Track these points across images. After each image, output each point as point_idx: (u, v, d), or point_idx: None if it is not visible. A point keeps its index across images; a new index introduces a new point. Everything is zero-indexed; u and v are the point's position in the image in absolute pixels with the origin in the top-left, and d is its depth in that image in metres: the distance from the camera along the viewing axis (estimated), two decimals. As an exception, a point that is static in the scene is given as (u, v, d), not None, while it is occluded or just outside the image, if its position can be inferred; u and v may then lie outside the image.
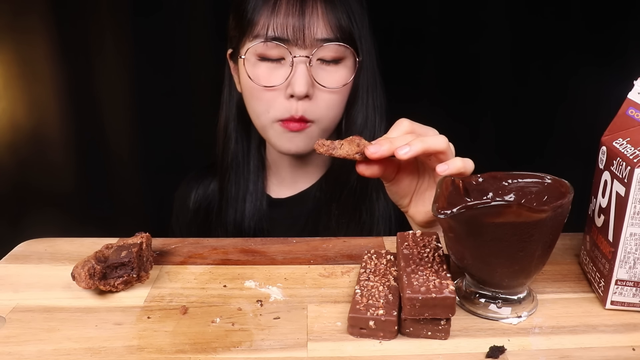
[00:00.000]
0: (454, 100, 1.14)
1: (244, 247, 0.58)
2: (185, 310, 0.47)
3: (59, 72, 1.11)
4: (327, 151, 0.53)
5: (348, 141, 0.53)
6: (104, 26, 1.10)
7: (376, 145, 0.52)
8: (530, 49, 1.14)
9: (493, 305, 0.46)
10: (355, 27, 0.74)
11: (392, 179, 0.58)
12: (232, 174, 0.84)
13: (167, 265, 0.55)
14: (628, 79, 0.48)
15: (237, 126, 0.83)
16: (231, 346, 0.42)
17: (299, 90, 0.71)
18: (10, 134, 1.12)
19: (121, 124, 1.17)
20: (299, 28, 0.70)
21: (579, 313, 0.46)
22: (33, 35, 1.08)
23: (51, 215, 1.15)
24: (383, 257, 0.51)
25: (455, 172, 0.50)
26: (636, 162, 0.42)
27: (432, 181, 0.57)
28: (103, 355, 0.41)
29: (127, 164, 1.20)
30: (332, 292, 0.50)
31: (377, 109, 0.79)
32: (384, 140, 0.52)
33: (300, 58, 0.71)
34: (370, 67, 0.78)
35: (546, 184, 0.47)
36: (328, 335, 0.44)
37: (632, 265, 0.45)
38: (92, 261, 0.49)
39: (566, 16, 1.13)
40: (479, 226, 0.41)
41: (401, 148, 0.50)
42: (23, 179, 1.16)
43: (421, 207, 0.59)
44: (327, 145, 0.53)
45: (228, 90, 0.84)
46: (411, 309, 0.41)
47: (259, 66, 0.74)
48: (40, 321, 0.45)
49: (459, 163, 0.51)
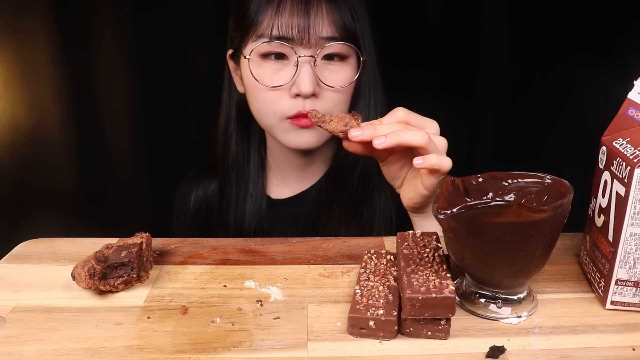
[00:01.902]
0: (455, 100, 1.14)
1: (244, 247, 0.58)
2: (185, 310, 0.47)
3: (59, 72, 1.11)
4: (318, 122, 0.57)
5: (338, 118, 0.57)
6: (104, 26, 1.10)
7: (359, 129, 0.55)
8: (531, 49, 1.14)
9: (493, 305, 0.46)
10: (358, 26, 0.74)
11: (384, 160, 0.61)
12: (232, 175, 0.84)
13: (167, 265, 0.55)
14: (628, 79, 0.48)
15: (237, 127, 0.83)
16: (231, 346, 0.42)
17: (306, 89, 0.71)
18: (10, 134, 1.12)
19: (121, 124, 1.17)
20: (304, 27, 0.70)
21: (579, 313, 0.46)
22: (33, 35, 1.08)
23: (51, 215, 1.15)
24: (383, 257, 0.51)
25: (429, 167, 0.54)
26: (636, 162, 0.42)
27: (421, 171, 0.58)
28: (103, 355, 0.41)
29: (127, 164, 1.20)
30: (332, 292, 0.50)
31: (378, 108, 0.79)
32: (369, 125, 0.56)
33: (305, 57, 0.71)
34: (372, 66, 0.79)
35: (546, 184, 0.47)
36: (328, 335, 0.44)
37: (632, 265, 0.45)
38: (92, 261, 0.49)
39: (567, 16, 1.13)
40: (479, 226, 0.41)
41: (378, 138, 0.53)
42: (23, 179, 1.16)
43: (408, 193, 0.61)
44: (318, 117, 0.58)
45: (228, 91, 0.84)
46: (411, 309, 0.41)
47: (263, 66, 0.74)
48: (40, 321, 0.45)
49: (433, 159, 0.54)
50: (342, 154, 0.80)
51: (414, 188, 0.59)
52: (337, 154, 0.83)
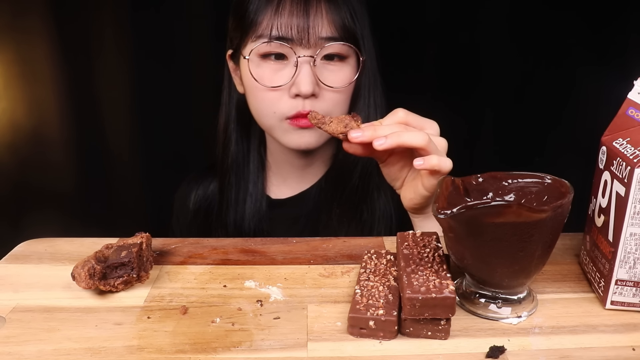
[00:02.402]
0: (455, 100, 1.14)
1: (244, 247, 0.58)
2: (185, 310, 0.47)
3: (59, 72, 1.11)
4: (317, 124, 0.58)
5: (338, 119, 0.57)
6: (104, 27, 1.10)
7: (359, 131, 0.55)
8: (531, 49, 1.14)
9: (493, 305, 0.46)
10: (357, 26, 0.74)
11: (384, 161, 0.61)
12: (232, 175, 0.84)
13: (167, 265, 0.55)
14: (628, 79, 0.48)
15: (236, 127, 0.83)
16: (231, 346, 0.42)
17: (305, 89, 0.71)
18: (10, 134, 1.12)
19: (121, 124, 1.17)
20: (303, 28, 0.70)
21: (579, 313, 0.46)
22: (33, 35, 1.08)
23: (51, 215, 1.15)
24: (383, 257, 0.51)
25: (429, 168, 0.54)
26: (636, 162, 0.42)
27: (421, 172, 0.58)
28: (103, 355, 0.41)
29: (127, 164, 1.19)
30: (332, 292, 0.50)
31: (378, 108, 0.79)
32: (369, 126, 0.56)
33: (304, 58, 0.71)
34: (371, 66, 0.79)
35: (546, 184, 0.47)
36: (328, 335, 0.44)
37: (632, 265, 0.45)
38: (92, 261, 0.49)
39: (566, 16, 1.13)
40: (479, 226, 0.41)
41: (378, 139, 0.54)
42: (23, 179, 1.16)
43: (409, 194, 0.61)
44: (318, 118, 0.58)
45: (227, 92, 0.84)
46: (411, 309, 0.41)
47: (262, 66, 0.74)
48: (40, 321, 0.45)
49: (434, 160, 0.54)
50: (342, 154, 0.80)
51: (414, 189, 0.59)
52: (337, 154, 0.83)
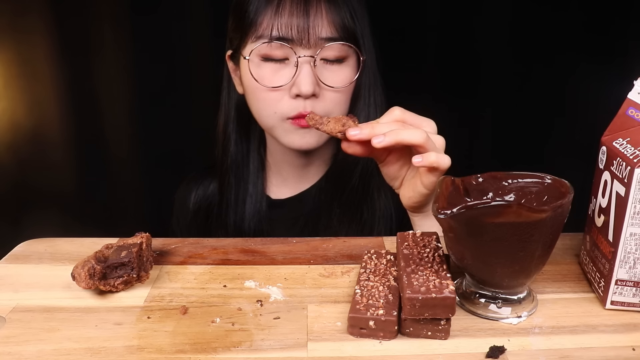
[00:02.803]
0: (454, 100, 1.14)
1: (244, 247, 0.58)
2: (185, 310, 0.47)
3: (59, 72, 1.11)
4: (315, 125, 0.58)
5: (336, 119, 0.57)
6: (104, 26, 1.10)
7: (357, 128, 0.55)
8: (531, 49, 1.14)
9: (493, 305, 0.46)
10: (357, 26, 0.74)
11: (383, 161, 0.61)
12: (232, 176, 0.84)
13: (167, 265, 0.55)
14: (628, 79, 0.48)
15: (236, 128, 0.83)
16: (231, 346, 0.42)
17: (306, 90, 0.71)
18: (10, 134, 1.12)
19: (121, 124, 1.17)
20: (303, 28, 0.70)
21: (579, 313, 0.46)
22: (33, 35, 1.08)
23: (51, 215, 1.15)
24: (383, 257, 0.51)
25: (427, 165, 0.54)
26: (636, 162, 0.42)
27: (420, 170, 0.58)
28: (103, 355, 0.41)
29: (127, 164, 1.19)
30: (332, 292, 0.50)
31: (377, 108, 0.79)
32: (367, 125, 0.56)
33: (304, 58, 0.71)
34: (371, 66, 0.79)
35: (546, 184, 0.47)
36: (328, 335, 0.44)
37: (632, 265, 0.45)
38: (92, 261, 0.49)
39: (566, 15, 1.13)
40: (479, 226, 0.41)
41: (377, 137, 0.54)
42: (23, 179, 1.16)
43: (408, 193, 0.61)
44: (316, 119, 0.58)
45: (227, 92, 0.83)
46: (411, 309, 0.41)
47: (263, 67, 0.73)
48: (40, 321, 0.45)
49: (432, 157, 0.54)
50: (342, 154, 0.80)
51: (414, 187, 0.60)
52: (337, 154, 0.83)
